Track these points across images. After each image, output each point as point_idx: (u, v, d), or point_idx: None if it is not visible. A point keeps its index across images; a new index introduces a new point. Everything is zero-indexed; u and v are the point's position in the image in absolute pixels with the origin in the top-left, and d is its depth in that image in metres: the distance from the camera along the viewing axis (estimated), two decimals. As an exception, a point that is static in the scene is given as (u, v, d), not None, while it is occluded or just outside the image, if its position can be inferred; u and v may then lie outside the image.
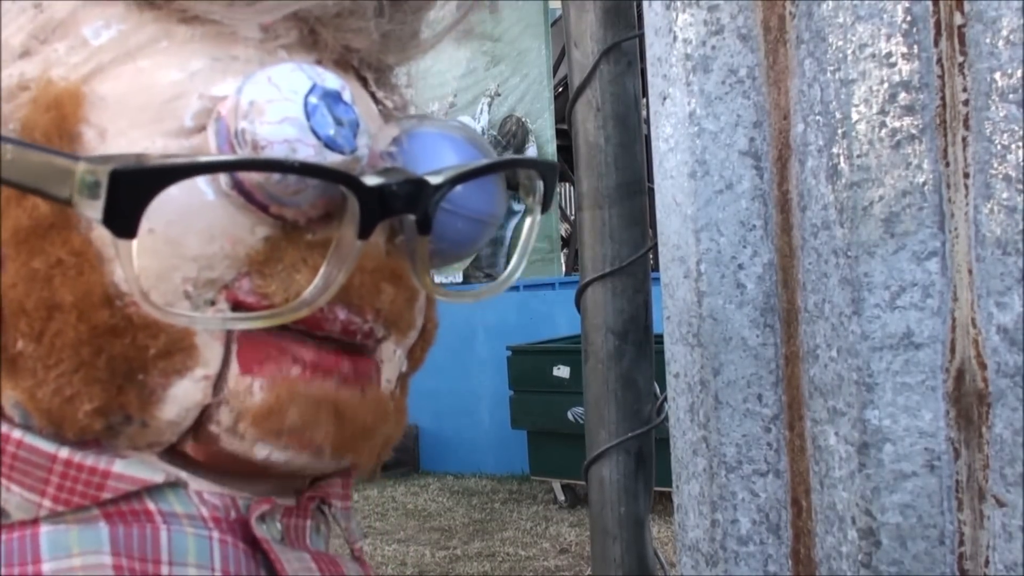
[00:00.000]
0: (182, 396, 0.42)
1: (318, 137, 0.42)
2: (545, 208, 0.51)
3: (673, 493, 1.10)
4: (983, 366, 0.82)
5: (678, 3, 1.01)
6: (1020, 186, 0.79)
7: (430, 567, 5.04)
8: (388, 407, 0.49)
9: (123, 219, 0.37)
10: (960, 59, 0.82)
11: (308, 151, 0.42)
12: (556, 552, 5.15)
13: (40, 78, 0.43)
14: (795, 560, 0.99)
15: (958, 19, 0.82)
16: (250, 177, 0.42)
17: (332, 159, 0.42)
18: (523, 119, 11.01)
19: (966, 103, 0.82)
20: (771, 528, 1.00)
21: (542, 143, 10.89)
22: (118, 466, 0.43)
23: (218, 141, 0.42)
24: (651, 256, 1.37)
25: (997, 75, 0.80)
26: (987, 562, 0.84)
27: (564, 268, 10.90)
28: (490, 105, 11.30)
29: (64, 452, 0.42)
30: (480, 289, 0.53)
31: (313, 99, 0.42)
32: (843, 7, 0.87)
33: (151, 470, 0.43)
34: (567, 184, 12.46)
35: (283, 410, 0.43)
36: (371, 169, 0.45)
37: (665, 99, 1.04)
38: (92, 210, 0.37)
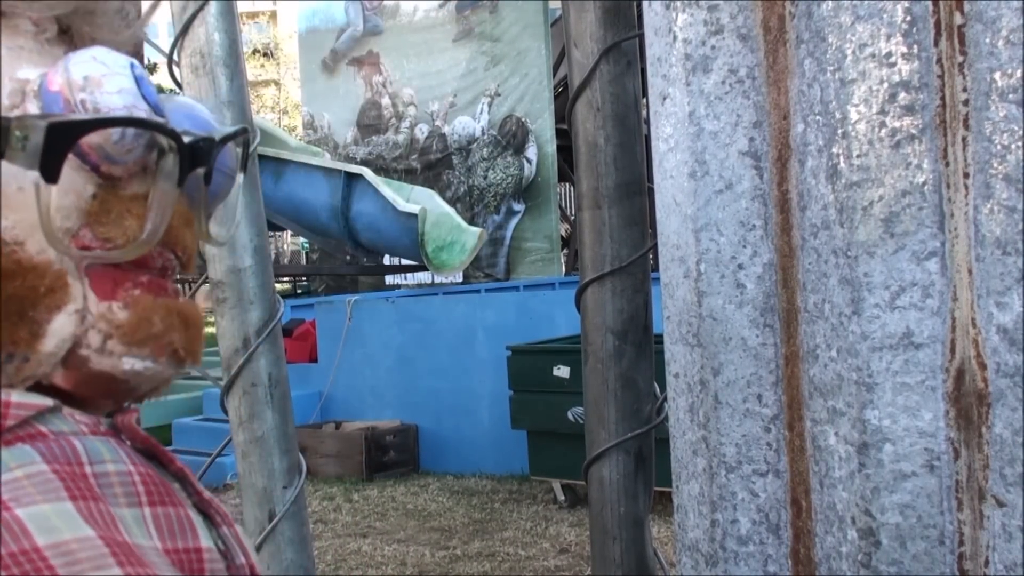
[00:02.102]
0: (59, 328, 0.49)
1: (148, 103, 0.51)
2: (244, 168, 0.60)
3: (673, 493, 1.10)
4: (983, 366, 0.82)
5: (678, 3, 1.01)
6: (1020, 186, 0.79)
7: (430, 567, 5.03)
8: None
9: (51, 166, 0.46)
10: (960, 59, 0.82)
11: (142, 114, 0.50)
12: (556, 552, 5.15)
13: None
14: (795, 560, 0.99)
15: (958, 19, 0.82)
16: (89, 139, 0.49)
17: (159, 120, 0.51)
18: (523, 119, 11.01)
19: (966, 103, 0.82)
20: (771, 528, 1.00)
21: (542, 143, 10.89)
22: (15, 396, 0.48)
23: (54, 110, 0.49)
24: (651, 256, 1.37)
25: (997, 75, 0.80)
26: (987, 562, 0.84)
27: (564, 268, 10.90)
28: (490, 105, 11.29)
29: None
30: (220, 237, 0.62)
31: (136, 72, 0.51)
32: (843, 7, 0.87)
33: (38, 397, 0.49)
34: (567, 184, 12.46)
35: (148, 319, 0.51)
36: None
37: (665, 99, 1.04)
38: (22, 160, 0.45)
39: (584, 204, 1.39)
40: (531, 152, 10.97)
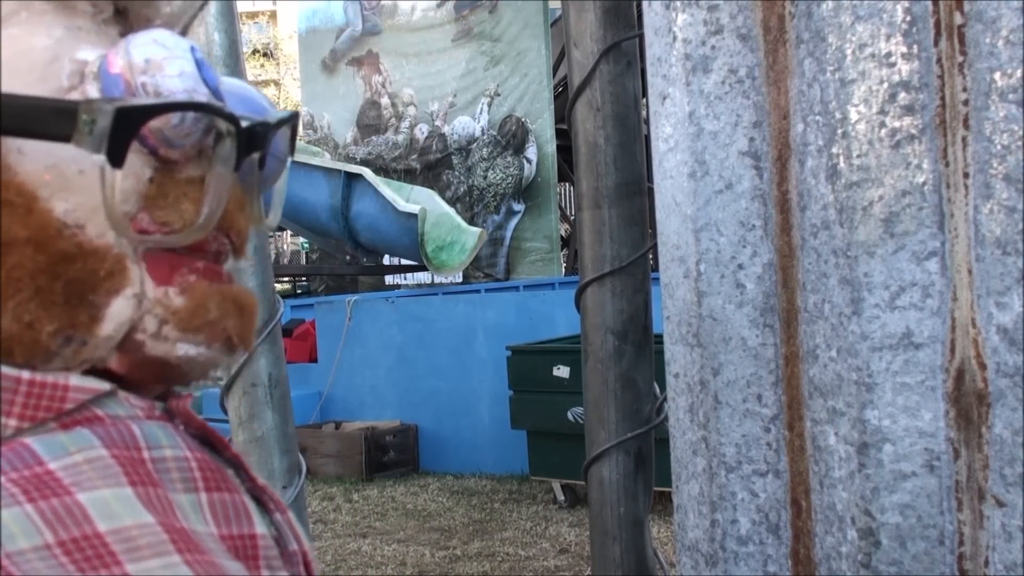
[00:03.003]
0: (117, 313, 0.48)
1: (208, 86, 0.50)
2: (292, 151, 0.60)
3: (673, 493, 1.10)
4: (983, 366, 0.82)
5: (678, 3, 1.01)
6: (1020, 186, 0.79)
7: (430, 567, 5.03)
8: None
9: (117, 150, 0.45)
10: (960, 59, 0.82)
11: (203, 98, 0.49)
12: (556, 552, 5.15)
13: None
14: (794, 560, 0.99)
15: (958, 19, 0.82)
16: (149, 123, 0.48)
17: (220, 104, 0.50)
18: (523, 119, 11.01)
19: (966, 103, 0.82)
20: (771, 528, 1.00)
21: (542, 143, 10.88)
22: (73, 380, 0.48)
23: (114, 93, 0.49)
24: (651, 256, 1.37)
25: (997, 75, 0.80)
26: (987, 562, 0.84)
27: (564, 268, 10.90)
28: (490, 105, 11.29)
29: (26, 374, 0.46)
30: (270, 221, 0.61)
31: (196, 56, 0.51)
32: (843, 7, 0.87)
33: (96, 381, 0.49)
34: (567, 184, 12.46)
35: (205, 306, 0.51)
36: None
37: (665, 99, 1.04)
38: (88, 145, 0.45)
39: (584, 204, 1.39)
40: (531, 152, 10.97)
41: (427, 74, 11.87)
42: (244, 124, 0.50)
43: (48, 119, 0.45)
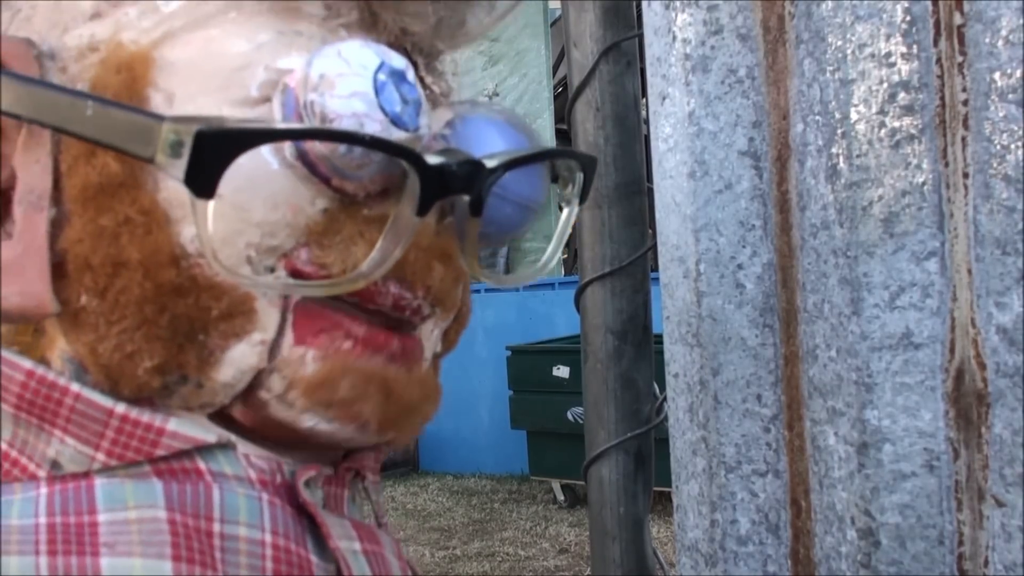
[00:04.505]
0: (239, 359, 0.43)
1: (385, 113, 0.43)
2: (583, 200, 0.52)
3: (672, 493, 1.10)
4: (982, 366, 0.82)
5: (677, 3, 1.01)
6: (1020, 186, 0.79)
7: (430, 567, 5.03)
8: (432, 386, 0.50)
9: (204, 179, 0.38)
10: (959, 59, 0.82)
11: (375, 126, 0.43)
12: (556, 552, 5.15)
13: (110, 40, 0.44)
14: (794, 560, 0.99)
15: (957, 19, 0.82)
16: (316, 148, 0.42)
17: (397, 135, 0.43)
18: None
19: (965, 103, 0.82)
20: (770, 528, 1.00)
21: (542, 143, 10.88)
22: (172, 424, 0.43)
23: (285, 112, 0.43)
24: (650, 256, 1.37)
25: (997, 75, 0.80)
26: (986, 562, 0.84)
27: (564, 268, 10.90)
28: (489, 105, 11.28)
29: (121, 408, 0.43)
30: (518, 274, 0.54)
31: (382, 76, 0.43)
32: (843, 7, 0.87)
33: (204, 430, 0.44)
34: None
35: (335, 382, 0.44)
36: (428, 150, 0.46)
37: (664, 99, 1.04)
38: (174, 169, 0.38)
39: (584, 204, 1.38)
40: (530, 152, 10.97)
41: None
42: (436, 161, 0.43)
43: (130, 133, 0.39)
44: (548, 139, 10.84)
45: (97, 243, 0.42)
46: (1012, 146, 0.79)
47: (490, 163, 0.45)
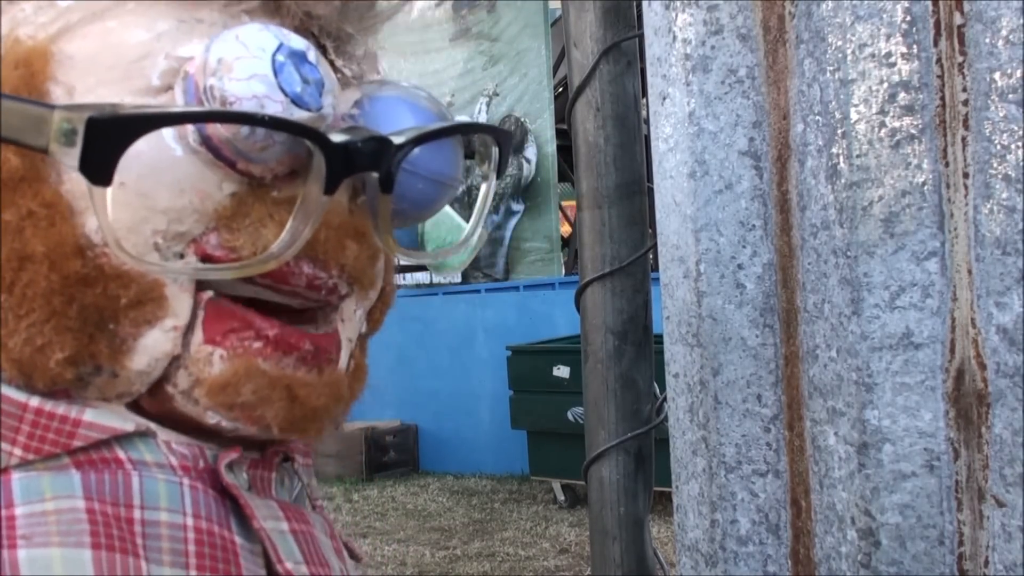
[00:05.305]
0: (152, 346, 0.43)
1: (285, 94, 0.43)
2: (500, 174, 0.52)
3: (673, 493, 1.10)
4: (983, 366, 0.82)
5: (677, 3, 1.01)
6: (1020, 186, 0.79)
7: (430, 567, 5.03)
8: (343, 388, 0.49)
9: (99, 166, 0.38)
10: (960, 59, 0.82)
11: (276, 107, 0.43)
12: (556, 552, 5.15)
13: (7, 36, 0.44)
14: (794, 560, 0.99)
15: (958, 19, 0.82)
16: (219, 132, 0.42)
17: (299, 116, 0.43)
18: (522, 119, 11.01)
19: (966, 103, 0.82)
20: (771, 528, 1.00)
21: (541, 143, 10.88)
22: (88, 415, 0.43)
23: (186, 98, 0.43)
24: (651, 256, 1.37)
25: (997, 75, 0.80)
26: (986, 562, 0.84)
27: (564, 268, 10.90)
28: (488, 105, 11.29)
29: (35, 401, 0.42)
30: (439, 250, 0.55)
31: (280, 57, 0.43)
32: (843, 7, 0.87)
33: (121, 419, 0.44)
34: (567, 184, 12.47)
35: (238, 385, 0.44)
36: (333, 129, 0.46)
37: (665, 99, 1.04)
38: (68, 157, 0.38)
39: (584, 204, 1.39)
40: (530, 152, 10.96)
41: (424, 73, 11.86)
42: (340, 139, 0.43)
43: (24, 125, 0.39)
44: (548, 139, 10.84)
45: (1, 238, 0.42)
46: (1012, 146, 0.79)
47: (397, 139, 0.45)
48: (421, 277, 11.10)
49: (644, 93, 1.30)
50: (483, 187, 0.53)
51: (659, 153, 1.06)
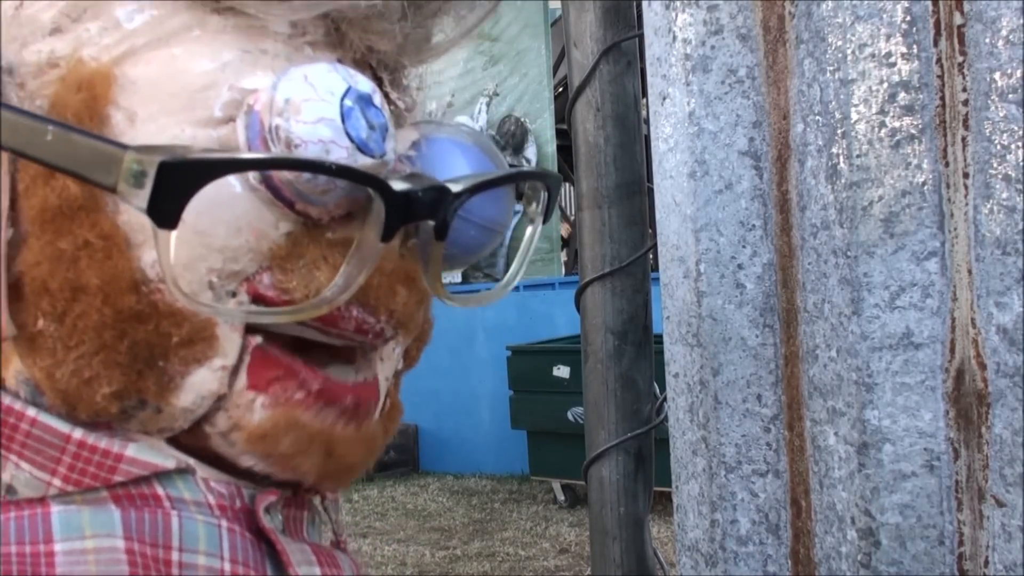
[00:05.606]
0: (199, 384, 0.42)
1: (352, 140, 0.43)
2: (546, 219, 0.52)
3: (673, 493, 1.10)
4: (983, 366, 0.82)
5: (677, 3, 1.01)
6: (1020, 186, 0.79)
7: (430, 567, 5.03)
8: (379, 443, 0.50)
9: (167, 210, 0.37)
10: (960, 59, 0.82)
11: (341, 153, 0.42)
12: (556, 552, 5.15)
13: (71, 57, 0.43)
14: (794, 560, 0.99)
15: (958, 19, 0.82)
16: (280, 173, 0.42)
17: (363, 162, 0.43)
18: (522, 119, 11.01)
19: (966, 103, 0.82)
20: (771, 528, 1.00)
21: (541, 143, 10.88)
22: (131, 450, 0.43)
23: (249, 135, 0.42)
24: (651, 256, 1.37)
25: (997, 75, 0.80)
26: (986, 562, 0.84)
27: (564, 268, 10.90)
28: (488, 105, 11.29)
29: (78, 433, 0.42)
30: (482, 293, 0.54)
31: (348, 101, 0.43)
32: (843, 7, 0.87)
33: (162, 455, 0.44)
34: (567, 184, 12.47)
35: (278, 436, 0.44)
36: (394, 173, 0.45)
37: (665, 99, 1.04)
38: (137, 199, 0.37)
39: (584, 204, 1.39)
40: (531, 152, 10.96)
41: (424, 74, 11.85)
42: (401, 187, 0.42)
43: (94, 161, 0.38)
44: (548, 139, 10.84)
45: (55, 267, 0.41)
46: (1012, 146, 0.79)
47: (455, 187, 0.44)
48: (421, 277, 11.08)
49: (644, 93, 1.30)
50: (528, 230, 0.53)
51: (659, 153, 1.06)
